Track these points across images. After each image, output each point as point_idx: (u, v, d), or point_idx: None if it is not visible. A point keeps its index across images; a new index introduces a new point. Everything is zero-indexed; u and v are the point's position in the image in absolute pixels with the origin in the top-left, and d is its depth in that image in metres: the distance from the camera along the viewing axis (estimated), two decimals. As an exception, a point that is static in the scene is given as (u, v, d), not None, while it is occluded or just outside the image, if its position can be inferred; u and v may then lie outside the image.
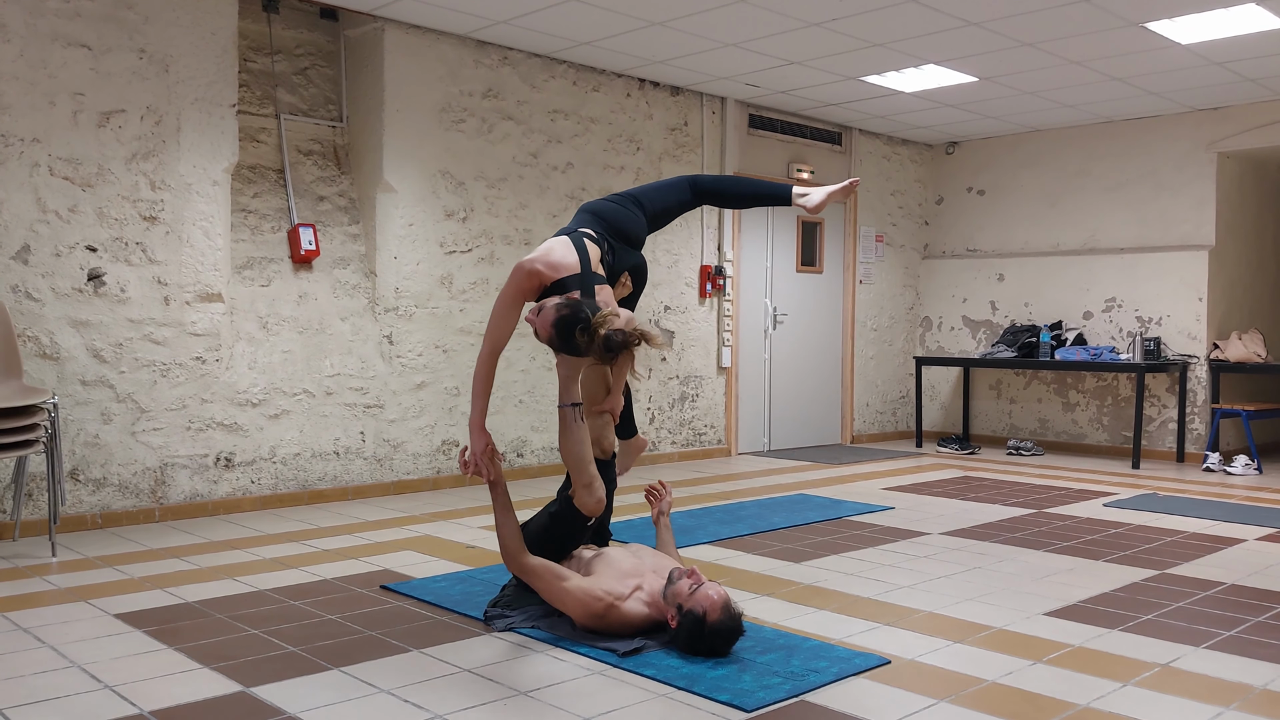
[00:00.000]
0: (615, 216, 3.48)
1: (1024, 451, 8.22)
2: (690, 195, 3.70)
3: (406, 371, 6.01)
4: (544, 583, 3.16)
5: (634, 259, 3.56)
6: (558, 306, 3.05)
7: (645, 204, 3.59)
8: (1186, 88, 7.14)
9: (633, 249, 3.54)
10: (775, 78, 7.06)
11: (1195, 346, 7.88)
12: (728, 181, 4.04)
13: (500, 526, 3.24)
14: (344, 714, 2.57)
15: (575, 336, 2.98)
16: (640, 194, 3.61)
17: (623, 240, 3.47)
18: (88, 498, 4.88)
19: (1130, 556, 4.45)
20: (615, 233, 3.45)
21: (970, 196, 9.23)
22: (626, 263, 3.51)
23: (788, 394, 8.41)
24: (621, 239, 3.47)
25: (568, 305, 3.04)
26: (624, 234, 3.47)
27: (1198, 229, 7.87)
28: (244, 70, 5.64)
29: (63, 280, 4.79)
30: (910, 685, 2.79)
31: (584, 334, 2.98)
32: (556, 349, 3.10)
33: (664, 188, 3.70)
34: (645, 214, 3.57)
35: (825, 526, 5.08)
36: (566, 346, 3.04)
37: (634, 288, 3.63)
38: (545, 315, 3.07)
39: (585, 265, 3.22)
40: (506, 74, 6.44)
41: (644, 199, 3.60)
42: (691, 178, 3.74)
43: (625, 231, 3.48)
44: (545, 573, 3.16)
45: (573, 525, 3.33)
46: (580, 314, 3.00)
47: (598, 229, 3.40)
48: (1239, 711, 2.62)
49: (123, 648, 3.08)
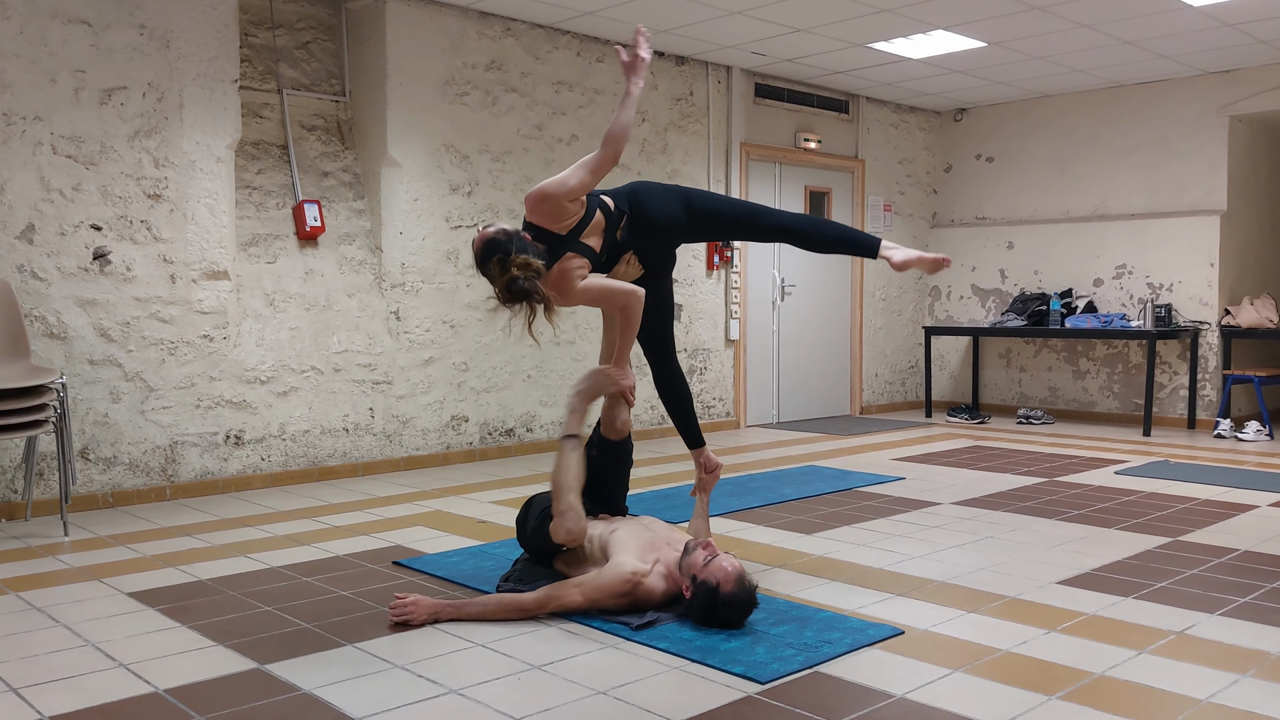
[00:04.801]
0: (647, 197, 3.40)
1: (1034, 420, 8.19)
2: (746, 222, 3.53)
3: (414, 347, 6.00)
4: (575, 584, 3.11)
5: (644, 243, 3.44)
6: (500, 230, 3.11)
7: (693, 200, 3.47)
8: (1197, 50, 7.04)
9: (652, 235, 3.43)
10: (781, 45, 6.98)
11: (1207, 312, 7.83)
12: (807, 222, 3.68)
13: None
14: (358, 690, 2.57)
15: (490, 262, 3.07)
16: (693, 192, 3.51)
17: (642, 221, 3.38)
18: (98, 477, 4.88)
19: (1142, 524, 4.43)
20: (637, 213, 3.38)
21: (979, 164, 9.15)
22: (636, 245, 3.42)
23: (796, 366, 8.38)
24: (642, 222, 3.38)
25: (505, 234, 3.09)
26: (645, 216, 3.39)
27: (1209, 194, 7.80)
28: (245, 45, 5.59)
29: (68, 259, 4.78)
30: (924, 655, 2.79)
31: (499, 265, 3.05)
32: (477, 264, 3.15)
33: (726, 200, 3.68)
34: (686, 210, 3.44)
35: (836, 498, 5.07)
36: (480, 266, 3.12)
37: (645, 268, 3.54)
38: (486, 231, 3.13)
39: (575, 232, 3.22)
40: (509, 45, 6.38)
41: (694, 198, 3.48)
42: (763, 209, 3.57)
43: (647, 214, 3.39)
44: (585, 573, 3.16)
45: (617, 462, 3.41)
46: (506, 247, 3.05)
47: (621, 204, 3.36)
48: (1255, 678, 2.61)
49: (136, 626, 3.09)
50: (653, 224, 3.41)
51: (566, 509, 3.15)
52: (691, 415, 3.75)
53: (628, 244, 3.42)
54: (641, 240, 3.43)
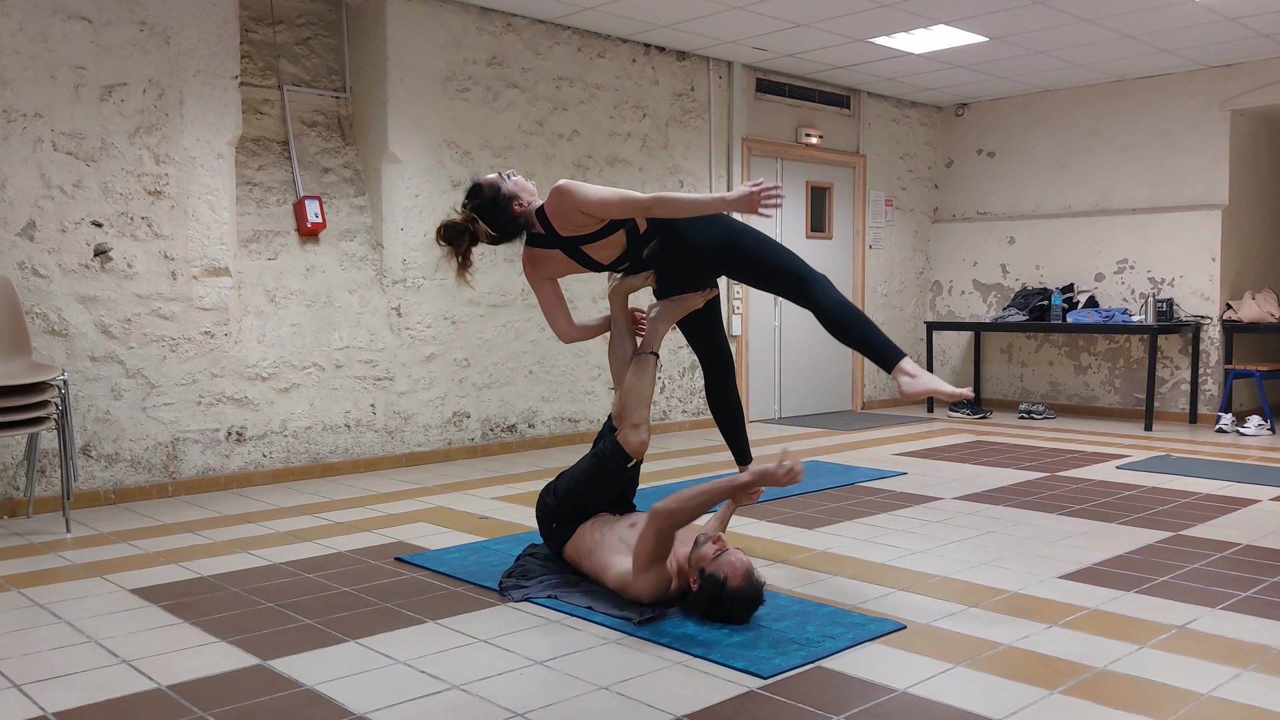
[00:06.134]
0: (695, 221, 3.38)
1: (1036, 415, 8.19)
2: (784, 283, 3.37)
3: (415, 343, 6.00)
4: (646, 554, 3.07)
5: (669, 261, 3.41)
6: (493, 183, 3.30)
7: (745, 238, 3.39)
8: (1199, 45, 7.03)
9: (684, 253, 3.38)
10: (783, 40, 6.97)
11: (1208, 307, 7.82)
12: (843, 313, 3.33)
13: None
14: (361, 686, 2.57)
15: (464, 199, 3.33)
16: (750, 231, 3.42)
17: (674, 237, 3.35)
18: (100, 473, 4.89)
19: (1144, 519, 4.43)
20: (671, 230, 3.36)
21: (980, 158, 9.14)
22: (660, 264, 3.42)
23: (798, 361, 8.38)
24: (674, 237, 3.36)
25: (492, 189, 3.28)
26: (680, 234, 3.36)
27: (1211, 188, 7.79)
28: (245, 41, 5.59)
29: (69, 256, 4.78)
30: (926, 650, 2.79)
31: (463, 206, 3.30)
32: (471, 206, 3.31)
33: (779, 252, 3.41)
34: (728, 242, 3.37)
35: (838, 493, 5.07)
36: (470, 200, 3.31)
37: (658, 284, 3.53)
38: (489, 176, 3.34)
39: (576, 239, 3.31)
40: (510, 41, 6.38)
41: (747, 236, 3.40)
42: (810, 279, 3.35)
43: (683, 233, 3.36)
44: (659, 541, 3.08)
45: (619, 468, 3.36)
46: (478, 195, 3.30)
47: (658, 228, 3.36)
48: (1257, 672, 2.61)
49: (139, 622, 3.09)
50: (686, 241, 3.37)
51: (642, 421, 3.36)
52: (741, 433, 3.77)
53: (652, 261, 3.41)
54: (667, 258, 3.40)
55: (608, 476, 3.37)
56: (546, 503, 3.49)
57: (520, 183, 3.34)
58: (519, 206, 3.30)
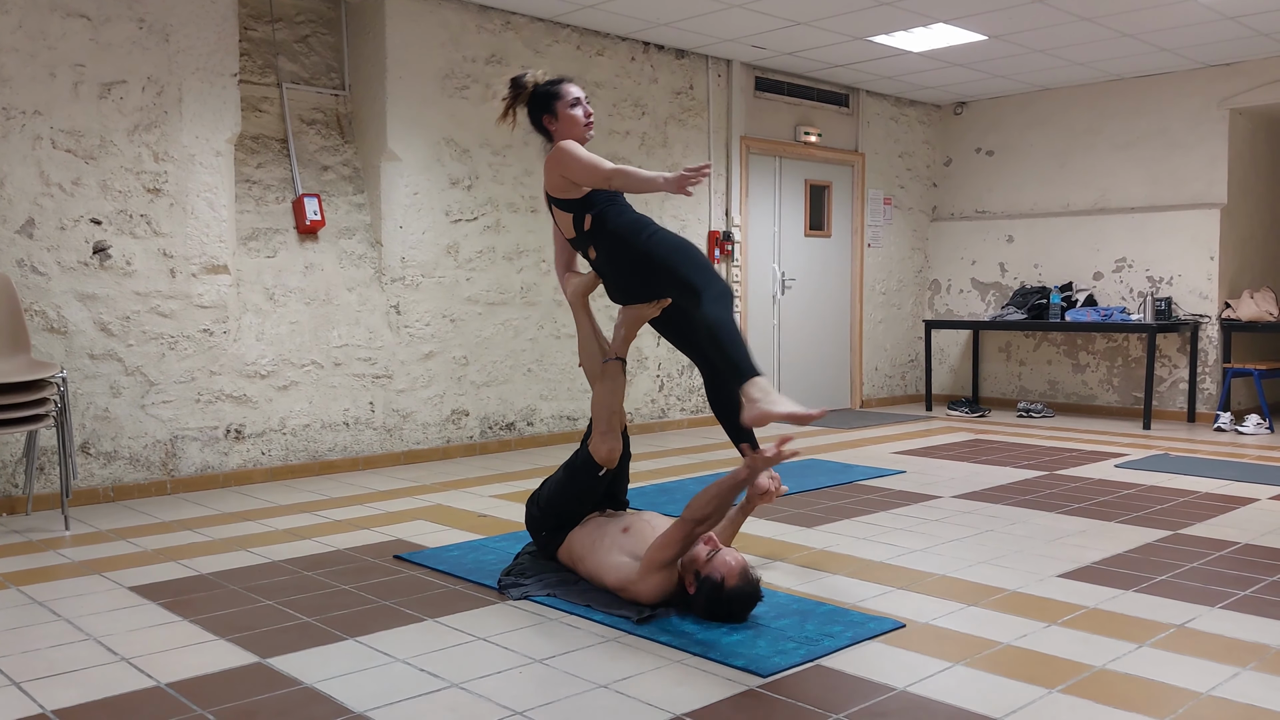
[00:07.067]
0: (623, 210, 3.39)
1: (1034, 414, 8.20)
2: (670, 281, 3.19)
3: (414, 341, 6.00)
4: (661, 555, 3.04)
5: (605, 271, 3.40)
6: (534, 77, 3.49)
7: (654, 233, 3.30)
8: (1198, 43, 7.03)
9: (607, 238, 3.35)
10: (782, 39, 6.97)
11: (1207, 306, 7.83)
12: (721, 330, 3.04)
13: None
14: (360, 684, 2.57)
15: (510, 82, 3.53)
16: (658, 228, 3.34)
17: (601, 222, 3.34)
18: (99, 471, 4.88)
19: (1143, 517, 4.44)
20: (599, 213, 3.35)
21: (979, 157, 9.14)
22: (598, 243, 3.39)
23: (796, 359, 8.38)
24: (600, 222, 3.35)
25: (534, 81, 3.46)
26: (604, 220, 3.35)
27: (1209, 187, 7.79)
28: (244, 39, 5.58)
29: (68, 254, 4.77)
30: (925, 649, 2.79)
31: (540, 84, 3.50)
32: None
33: (678, 246, 3.24)
34: (636, 235, 3.30)
35: (836, 491, 5.07)
36: (543, 84, 3.48)
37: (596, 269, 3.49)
38: (531, 75, 3.50)
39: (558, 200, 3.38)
40: (509, 39, 6.37)
41: (657, 230, 3.31)
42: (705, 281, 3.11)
43: (607, 219, 3.35)
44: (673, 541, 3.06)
45: (590, 478, 3.34)
46: (539, 92, 3.46)
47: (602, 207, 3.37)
48: (1255, 671, 2.62)
49: (138, 620, 3.09)
50: (608, 228, 3.34)
51: (610, 429, 3.32)
52: (744, 429, 3.71)
53: (597, 266, 3.44)
54: (609, 265, 3.38)
55: (580, 489, 3.36)
56: (532, 513, 3.49)
57: (571, 116, 3.43)
58: (551, 124, 3.44)
